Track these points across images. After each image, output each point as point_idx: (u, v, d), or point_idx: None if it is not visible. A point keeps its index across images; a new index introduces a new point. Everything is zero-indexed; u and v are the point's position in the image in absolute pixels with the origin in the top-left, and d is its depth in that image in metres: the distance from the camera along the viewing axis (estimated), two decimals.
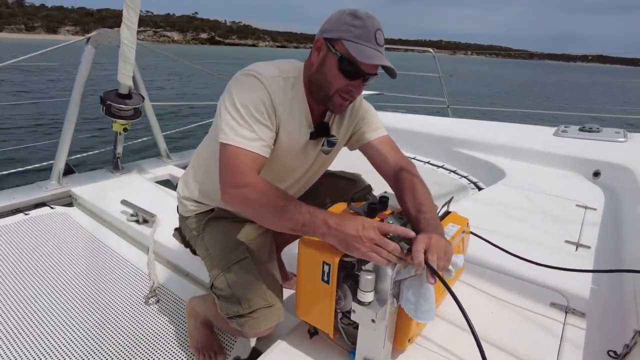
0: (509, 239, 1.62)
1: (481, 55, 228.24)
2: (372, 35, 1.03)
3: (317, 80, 1.10)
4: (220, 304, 1.13)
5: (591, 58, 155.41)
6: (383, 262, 0.89)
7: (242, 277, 1.12)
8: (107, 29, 2.46)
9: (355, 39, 1.02)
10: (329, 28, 1.07)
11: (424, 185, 1.16)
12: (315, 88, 1.12)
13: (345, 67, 1.04)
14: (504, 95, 20.66)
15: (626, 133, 3.05)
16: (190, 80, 17.50)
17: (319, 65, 1.09)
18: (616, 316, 1.28)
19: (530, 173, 2.65)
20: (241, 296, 1.09)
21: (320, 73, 1.09)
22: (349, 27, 1.03)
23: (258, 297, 1.08)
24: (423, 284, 0.92)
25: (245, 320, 1.08)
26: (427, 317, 0.92)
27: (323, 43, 1.07)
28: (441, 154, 3.35)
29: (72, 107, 2.41)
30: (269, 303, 1.08)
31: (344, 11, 1.07)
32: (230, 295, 1.11)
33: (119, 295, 1.64)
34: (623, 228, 1.87)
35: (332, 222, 0.92)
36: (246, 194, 0.98)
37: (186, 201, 1.36)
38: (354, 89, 1.08)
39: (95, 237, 2.06)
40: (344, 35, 1.03)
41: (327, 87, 1.08)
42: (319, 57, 1.09)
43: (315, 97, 1.14)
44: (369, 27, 1.03)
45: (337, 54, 1.04)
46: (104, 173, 2.69)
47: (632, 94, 23.85)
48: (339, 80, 1.06)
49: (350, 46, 1.01)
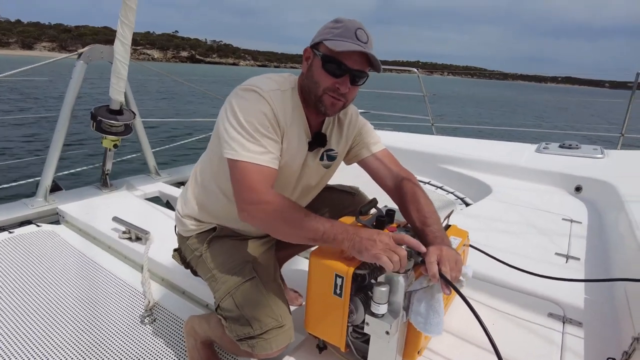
0: (502, 252, 1.66)
1: (457, 76, 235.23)
2: (353, 33, 1.06)
3: (307, 85, 1.13)
4: (229, 326, 1.10)
5: (561, 79, 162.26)
6: (390, 266, 0.90)
7: (250, 298, 1.11)
8: (99, 44, 2.44)
9: (335, 37, 1.06)
10: (314, 37, 1.12)
11: (427, 197, 1.18)
12: (307, 93, 1.15)
13: (328, 63, 1.07)
14: (485, 114, 21.29)
15: (603, 150, 3.19)
16: (174, 98, 17.42)
17: (307, 71, 1.13)
18: (612, 324, 1.32)
19: (516, 188, 2.73)
20: (251, 317, 1.07)
21: (309, 77, 1.12)
22: (330, 30, 1.08)
23: (269, 318, 1.07)
24: (434, 296, 0.94)
25: (256, 342, 1.06)
26: (436, 331, 0.93)
27: (310, 51, 1.13)
28: (427, 170, 3.41)
29: (61, 122, 2.37)
30: (280, 323, 1.07)
31: (330, 21, 1.12)
32: (239, 317, 1.09)
33: (114, 314, 1.60)
34: (608, 239, 1.94)
35: (350, 229, 0.95)
36: (264, 210, 1.00)
37: (186, 220, 1.34)
38: (340, 86, 1.09)
39: (85, 255, 2.01)
40: (324, 37, 1.08)
41: (316, 88, 1.11)
42: (307, 64, 1.13)
43: (309, 103, 1.16)
44: (349, 26, 1.07)
45: (319, 53, 1.08)
46: (92, 190, 2.64)
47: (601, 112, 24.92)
48: (325, 78, 1.09)
49: (329, 43, 1.05)
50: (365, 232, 0.94)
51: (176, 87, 21.28)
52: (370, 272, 0.99)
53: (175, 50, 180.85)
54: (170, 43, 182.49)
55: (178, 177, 3.10)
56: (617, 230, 1.94)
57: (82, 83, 2.40)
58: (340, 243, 0.95)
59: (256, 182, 1.02)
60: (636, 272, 1.38)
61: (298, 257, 1.72)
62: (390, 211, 1.14)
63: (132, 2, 2.12)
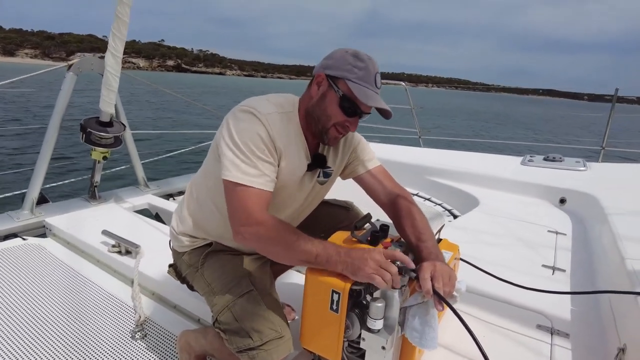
0: (490, 264, 1.69)
1: (441, 88, 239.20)
2: (373, 78, 1.11)
3: (316, 113, 1.15)
4: (228, 338, 1.11)
5: (542, 92, 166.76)
6: (382, 285, 0.92)
7: (249, 310, 1.11)
8: (89, 56, 2.44)
9: (358, 80, 1.09)
10: (331, 65, 1.12)
11: (421, 213, 1.21)
12: (312, 120, 1.17)
13: (346, 104, 1.10)
14: (472, 126, 21.65)
15: (585, 162, 3.28)
16: (164, 109, 17.31)
17: (318, 99, 1.14)
18: (598, 335, 1.36)
19: (503, 200, 2.79)
20: (250, 329, 1.08)
21: (320, 107, 1.14)
22: (352, 68, 1.09)
23: (268, 329, 1.08)
24: (429, 312, 0.96)
25: (256, 353, 1.06)
26: (431, 345, 0.95)
27: (325, 79, 1.13)
28: (415, 182, 3.46)
29: (50, 134, 2.35)
30: (279, 334, 1.08)
31: (347, 51, 1.13)
32: (238, 329, 1.09)
33: (103, 330, 1.57)
34: (592, 251, 1.99)
35: (342, 251, 0.97)
36: (258, 232, 1.03)
37: (181, 236, 1.35)
38: (350, 124, 1.15)
39: (72, 269, 1.98)
40: (347, 75, 1.09)
41: (326, 120, 1.14)
42: (319, 91, 1.14)
43: (312, 129, 1.18)
44: (370, 69, 1.10)
45: (340, 91, 1.10)
46: (79, 202, 2.60)
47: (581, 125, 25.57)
48: (338, 115, 1.12)
49: (353, 87, 1.08)
50: (357, 252, 0.97)
51: (165, 96, 21.21)
52: (365, 287, 1.01)
53: (161, 59, 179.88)
54: (156, 52, 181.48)
55: (167, 189, 3.08)
56: (600, 242, 2.00)
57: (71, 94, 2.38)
58: (334, 266, 0.98)
59: (250, 204, 1.04)
60: (620, 284, 1.43)
61: (291, 271, 1.73)
62: (384, 226, 1.16)
63: (124, 15, 2.13)
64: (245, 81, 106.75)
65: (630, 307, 1.22)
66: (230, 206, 1.08)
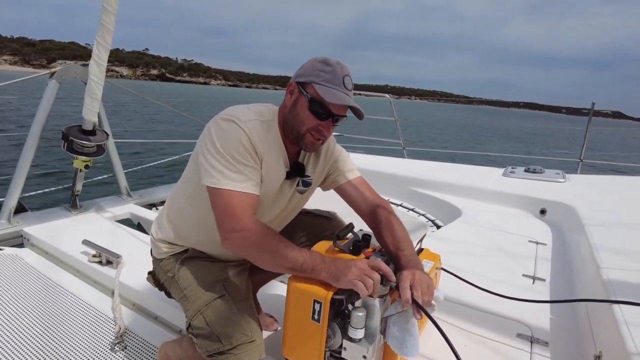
0: (472, 274, 1.72)
1: (424, 100, 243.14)
2: (341, 80, 1.13)
3: (290, 121, 1.18)
4: (199, 342, 1.10)
5: (522, 104, 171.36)
6: (364, 291, 0.94)
7: (220, 314, 1.11)
8: (73, 63, 2.41)
9: (325, 82, 1.12)
10: (301, 73, 1.16)
11: (401, 223, 1.23)
12: (288, 128, 1.19)
13: (315, 107, 1.12)
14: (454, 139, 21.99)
15: (564, 174, 3.36)
16: (145, 117, 17.15)
17: (291, 107, 1.17)
18: (576, 343, 1.38)
19: (485, 211, 2.83)
20: (221, 333, 1.07)
21: (292, 114, 1.16)
22: (319, 72, 1.13)
23: (238, 333, 1.07)
24: (409, 320, 0.97)
25: (226, 357, 1.05)
26: (412, 353, 0.96)
27: (295, 86, 1.16)
28: (399, 193, 3.49)
29: (30, 141, 2.30)
30: (250, 338, 1.07)
31: (316, 59, 1.17)
32: (209, 334, 1.08)
33: (82, 342, 1.54)
34: (571, 261, 2.04)
35: (327, 259, 0.98)
36: (246, 238, 1.03)
37: (160, 243, 1.34)
38: (323, 128, 1.16)
39: (50, 279, 1.93)
40: (314, 79, 1.12)
41: (299, 126, 1.16)
42: (291, 99, 1.17)
43: (289, 136, 1.20)
44: (337, 72, 1.13)
45: (308, 95, 1.13)
46: (60, 211, 2.55)
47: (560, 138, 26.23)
48: (310, 120, 1.14)
49: (319, 89, 1.11)
50: (342, 260, 0.99)
51: (150, 105, 21.04)
52: (347, 297, 1.01)
53: (145, 68, 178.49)
54: (140, 61, 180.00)
55: (150, 198, 3.05)
56: (578, 252, 2.04)
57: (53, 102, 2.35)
58: (318, 274, 0.99)
59: (238, 209, 1.05)
60: (596, 292, 1.46)
61: (274, 281, 1.72)
62: (366, 236, 1.17)
63: (109, 23, 2.12)
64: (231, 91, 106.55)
65: (606, 315, 1.25)
66: (216, 212, 1.08)
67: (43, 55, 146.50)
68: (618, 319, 1.16)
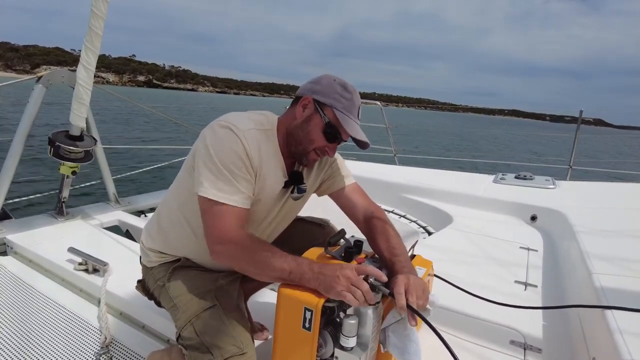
0: (464, 281, 1.71)
1: (411, 107, 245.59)
2: (357, 110, 1.16)
3: (298, 136, 1.16)
4: (189, 354, 1.07)
5: (507, 112, 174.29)
6: (354, 302, 0.92)
7: (211, 325, 1.09)
8: (60, 68, 2.37)
9: (344, 110, 1.13)
10: (319, 90, 1.15)
11: (395, 230, 1.22)
12: (294, 141, 1.18)
13: (330, 131, 1.13)
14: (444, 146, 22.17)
15: (554, 180, 3.39)
16: (133, 123, 17.02)
17: (303, 122, 1.15)
18: (568, 349, 1.38)
19: (476, 217, 2.84)
20: (211, 344, 1.04)
21: (303, 129, 1.15)
22: (340, 97, 1.13)
23: (229, 345, 1.04)
24: (407, 327, 0.95)
25: None
26: (415, 358, 0.95)
27: (312, 103, 1.15)
28: (391, 199, 3.49)
29: (15, 147, 2.26)
30: (241, 350, 1.04)
31: (334, 79, 1.16)
32: (199, 345, 1.06)
33: (66, 353, 1.49)
34: (562, 267, 2.04)
35: (315, 267, 0.96)
36: (232, 251, 1.03)
37: (150, 252, 1.32)
38: (329, 150, 1.18)
39: (34, 288, 1.88)
40: (335, 104, 1.13)
41: (307, 143, 1.16)
42: (304, 114, 1.16)
43: (291, 149, 1.19)
44: (355, 101, 1.15)
45: (326, 118, 1.13)
46: (45, 218, 2.49)
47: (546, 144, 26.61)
48: (320, 140, 1.15)
49: (340, 115, 1.12)
50: (329, 268, 0.96)
51: (137, 112, 20.91)
52: (339, 304, 1.00)
53: (132, 74, 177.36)
54: (126, 67, 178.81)
55: (138, 205, 3.00)
56: (569, 258, 2.05)
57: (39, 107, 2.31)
58: (307, 282, 0.98)
59: (226, 222, 1.04)
60: (588, 298, 1.46)
61: (265, 289, 1.69)
62: (358, 242, 1.16)
63: (98, 28, 2.10)
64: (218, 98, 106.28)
65: (598, 321, 1.25)
66: (205, 224, 1.07)
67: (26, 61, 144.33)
68: (611, 325, 1.15)
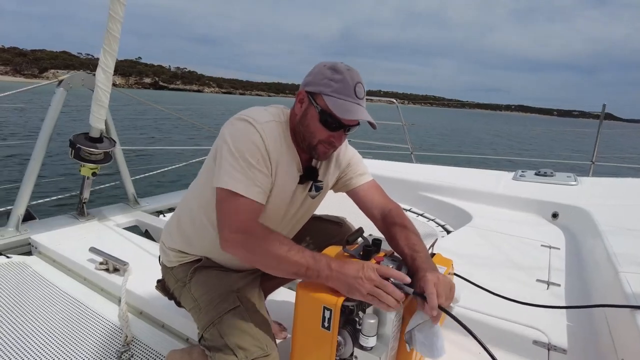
0: (484, 280, 1.68)
1: (417, 104, 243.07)
2: (352, 89, 1.08)
3: (301, 131, 1.15)
4: (212, 355, 1.07)
5: (514, 107, 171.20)
6: (383, 307, 0.91)
7: (235, 326, 1.08)
8: (80, 72, 2.42)
9: (334, 93, 1.07)
10: (310, 81, 1.12)
11: (414, 227, 1.20)
12: (299, 137, 1.16)
13: (326, 119, 1.09)
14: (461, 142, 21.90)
15: (576, 177, 3.30)
16: (151, 125, 17.29)
17: (301, 117, 1.13)
18: (595, 350, 1.33)
19: (495, 215, 2.78)
20: (235, 346, 1.04)
21: (303, 124, 1.13)
22: (328, 82, 1.08)
23: (254, 346, 1.04)
24: (434, 325, 0.94)
25: None
26: (442, 353, 0.94)
27: (305, 95, 1.12)
28: (408, 198, 3.45)
29: (38, 150, 2.31)
30: (265, 352, 1.04)
31: (325, 65, 1.12)
32: (223, 346, 1.06)
33: (89, 350, 1.52)
34: (586, 265, 1.98)
35: (334, 265, 0.94)
36: (246, 239, 1.00)
37: (171, 251, 1.32)
38: (335, 139, 1.13)
39: (58, 287, 1.92)
40: (323, 90, 1.08)
41: (310, 137, 1.13)
42: (301, 108, 1.14)
43: (300, 145, 1.18)
44: (348, 81, 1.07)
45: (318, 107, 1.09)
46: (67, 219, 2.55)
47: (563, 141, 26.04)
48: (321, 131, 1.11)
49: (329, 100, 1.07)
50: (349, 268, 0.94)
51: (154, 114, 21.22)
52: (358, 303, 0.98)
53: (138, 77, 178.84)
54: (133, 69, 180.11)
55: (157, 205, 3.04)
56: (593, 257, 1.99)
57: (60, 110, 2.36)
58: (325, 281, 0.95)
59: (241, 212, 1.02)
60: (615, 298, 1.41)
61: (283, 288, 1.69)
62: (376, 240, 1.14)
63: (115, 31, 2.13)
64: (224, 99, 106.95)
65: (627, 321, 1.21)
66: (219, 212, 1.05)
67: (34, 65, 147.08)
68: None
